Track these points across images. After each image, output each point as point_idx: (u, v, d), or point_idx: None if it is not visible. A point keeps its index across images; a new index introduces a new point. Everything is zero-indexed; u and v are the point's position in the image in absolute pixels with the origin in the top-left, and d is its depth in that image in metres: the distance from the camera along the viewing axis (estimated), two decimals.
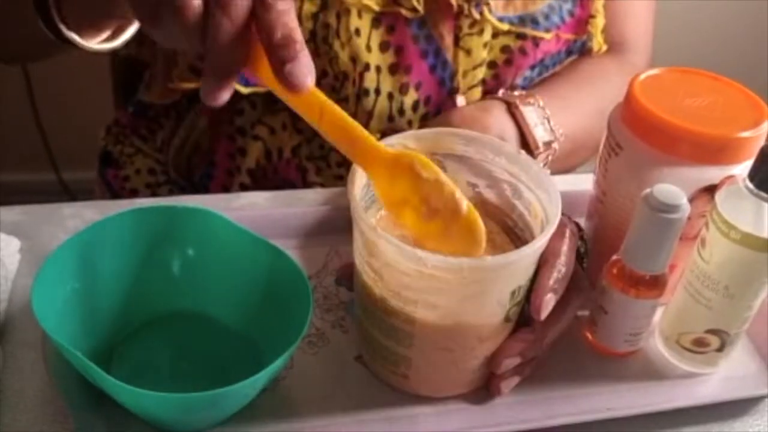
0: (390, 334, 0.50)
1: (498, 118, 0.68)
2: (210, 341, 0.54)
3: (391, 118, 0.72)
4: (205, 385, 0.45)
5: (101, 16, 0.59)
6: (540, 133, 0.68)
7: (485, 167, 0.54)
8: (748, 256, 0.51)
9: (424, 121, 0.74)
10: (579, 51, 0.79)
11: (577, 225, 0.57)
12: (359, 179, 0.49)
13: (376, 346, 0.52)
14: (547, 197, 0.50)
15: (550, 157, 0.69)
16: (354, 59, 0.70)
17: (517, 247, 0.53)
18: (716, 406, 0.55)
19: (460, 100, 0.73)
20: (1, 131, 1.68)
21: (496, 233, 0.55)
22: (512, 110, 0.68)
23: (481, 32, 0.71)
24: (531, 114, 0.68)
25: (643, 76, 0.58)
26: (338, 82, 0.72)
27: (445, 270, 0.45)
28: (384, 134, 0.75)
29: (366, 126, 0.73)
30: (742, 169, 0.53)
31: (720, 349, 0.56)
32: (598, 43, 0.79)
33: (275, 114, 0.75)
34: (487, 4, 0.70)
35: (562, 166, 0.74)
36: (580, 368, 0.56)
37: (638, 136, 0.55)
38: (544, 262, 0.51)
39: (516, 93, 0.70)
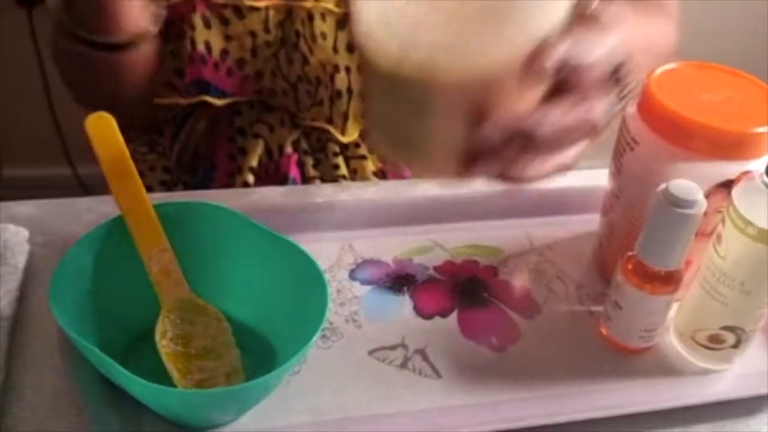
0: (409, 105, 0.45)
1: None
2: None
3: None
4: None
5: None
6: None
7: None
8: (764, 253, 0.50)
9: None
10: None
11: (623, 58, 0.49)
12: None
13: (395, 128, 0.47)
14: None
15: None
16: (323, 63, 0.71)
17: None
18: (731, 403, 0.55)
19: None
20: (16, 126, 1.69)
21: None
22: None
23: None
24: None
25: (659, 71, 0.57)
26: (312, 86, 0.73)
27: None
28: (363, 135, 0.76)
29: (343, 129, 0.74)
30: (759, 164, 0.53)
31: (735, 346, 0.55)
32: None
33: (272, 111, 0.76)
34: None
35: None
36: (593, 364, 0.56)
37: (654, 131, 0.55)
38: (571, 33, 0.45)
39: None
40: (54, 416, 0.49)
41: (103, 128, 0.52)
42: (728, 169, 0.53)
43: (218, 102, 0.73)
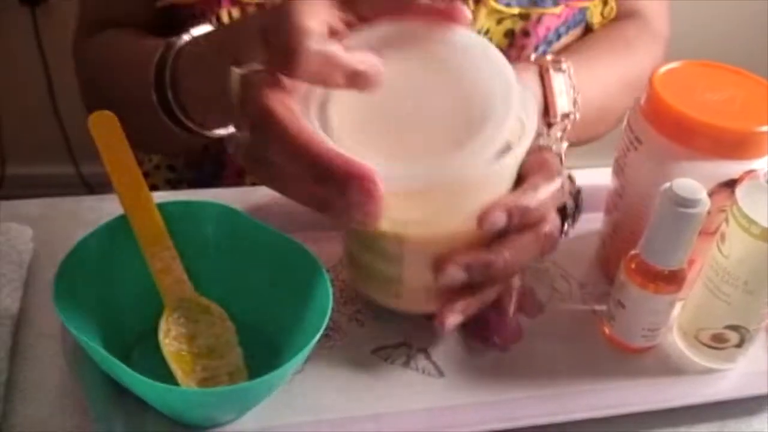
0: (382, 256, 0.52)
1: (531, 81, 0.66)
2: None
3: None
4: None
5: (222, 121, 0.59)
6: (562, 103, 0.66)
7: None
8: (767, 252, 0.50)
9: None
10: (577, 24, 0.78)
11: (576, 187, 0.57)
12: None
13: (367, 270, 0.53)
14: (525, 115, 0.50)
15: (568, 127, 0.68)
16: None
17: None
18: (734, 402, 0.55)
19: None
20: (20, 124, 1.69)
21: None
22: (542, 73, 0.67)
23: (473, 21, 0.70)
24: (558, 81, 0.67)
25: (662, 70, 0.57)
26: None
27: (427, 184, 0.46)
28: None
29: None
30: (762, 163, 0.53)
31: (739, 345, 0.55)
32: (611, 8, 0.77)
33: None
34: None
35: (584, 135, 0.72)
36: (596, 363, 0.56)
37: (658, 130, 0.55)
38: (515, 187, 0.51)
39: (548, 57, 0.68)
40: (57, 415, 0.49)
41: (106, 127, 0.52)
42: (732, 168, 0.53)
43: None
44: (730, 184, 0.53)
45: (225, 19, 0.69)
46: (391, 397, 0.53)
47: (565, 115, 0.67)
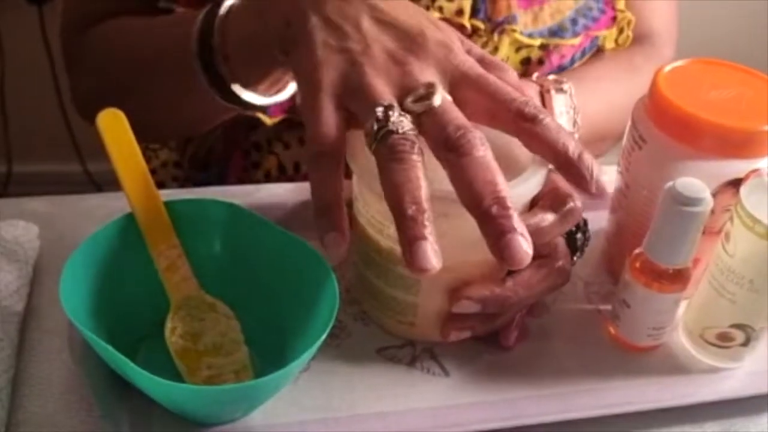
0: (397, 283, 0.52)
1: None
2: None
3: None
4: None
5: (268, 65, 0.58)
6: (562, 123, 0.67)
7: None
8: None
9: None
10: (591, 50, 0.78)
11: (584, 218, 0.57)
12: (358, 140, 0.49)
13: (382, 298, 0.54)
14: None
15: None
16: None
17: None
18: (740, 401, 0.55)
19: None
20: (27, 122, 1.69)
21: None
22: (543, 93, 0.68)
23: (495, 50, 0.71)
24: (559, 102, 0.68)
25: (667, 68, 0.57)
26: None
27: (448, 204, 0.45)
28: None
29: None
30: (767, 162, 0.53)
31: (745, 344, 0.55)
32: (626, 36, 0.78)
33: (292, 130, 0.74)
34: (513, 25, 0.70)
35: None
36: (601, 362, 0.56)
37: (662, 129, 0.55)
38: (528, 214, 0.51)
39: (551, 77, 0.69)
40: (64, 411, 0.50)
41: (114, 124, 0.52)
42: (736, 167, 0.53)
43: (269, 121, 0.70)
44: (735, 183, 0.53)
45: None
46: (396, 396, 0.53)
47: None
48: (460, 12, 0.69)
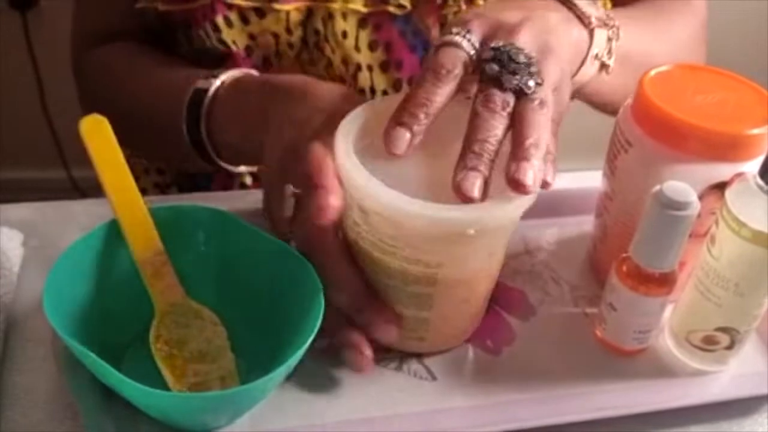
0: (410, 302, 0.52)
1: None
2: None
3: None
4: None
5: (252, 160, 0.65)
6: (588, 9, 0.58)
7: None
8: (758, 254, 0.50)
9: None
10: None
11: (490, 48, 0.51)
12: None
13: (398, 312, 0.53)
14: None
15: (613, 42, 0.60)
16: (345, 61, 0.71)
17: None
18: (726, 404, 0.55)
19: None
20: (11, 129, 1.68)
21: None
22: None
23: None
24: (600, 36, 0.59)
25: (653, 73, 0.58)
26: None
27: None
28: None
29: None
30: (752, 166, 0.53)
31: (730, 347, 0.55)
32: None
33: None
34: None
35: (616, 84, 0.64)
36: (588, 366, 0.56)
37: (648, 133, 0.55)
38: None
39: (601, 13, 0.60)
40: (48, 420, 0.49)
41: (97, 130, 0.52)
42: (722, 171, 0.54)
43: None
44: (721, 187, 0.53)
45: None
46: (383, 400, 0.53)
47: (600, 20, 0.59)
48: None
